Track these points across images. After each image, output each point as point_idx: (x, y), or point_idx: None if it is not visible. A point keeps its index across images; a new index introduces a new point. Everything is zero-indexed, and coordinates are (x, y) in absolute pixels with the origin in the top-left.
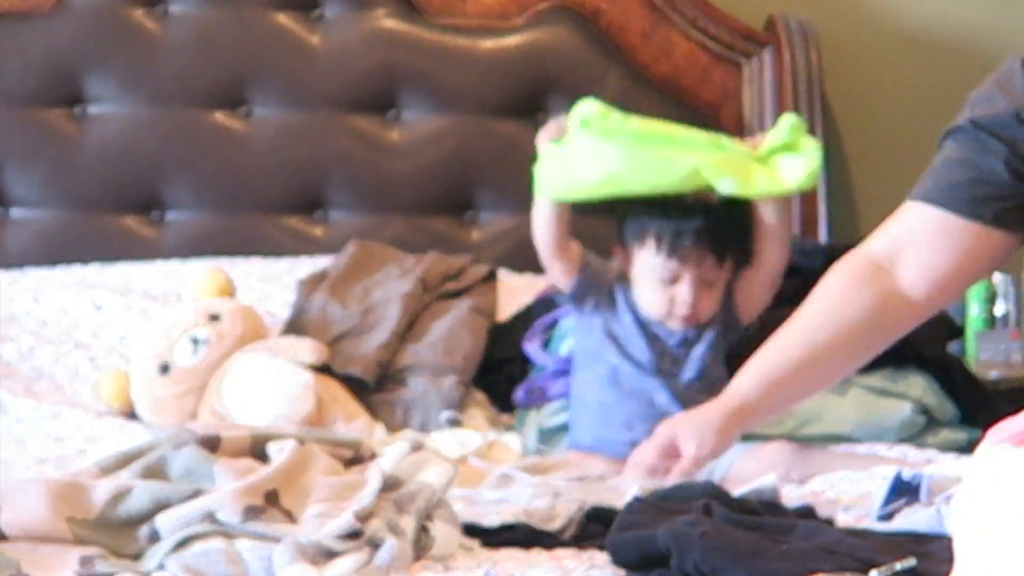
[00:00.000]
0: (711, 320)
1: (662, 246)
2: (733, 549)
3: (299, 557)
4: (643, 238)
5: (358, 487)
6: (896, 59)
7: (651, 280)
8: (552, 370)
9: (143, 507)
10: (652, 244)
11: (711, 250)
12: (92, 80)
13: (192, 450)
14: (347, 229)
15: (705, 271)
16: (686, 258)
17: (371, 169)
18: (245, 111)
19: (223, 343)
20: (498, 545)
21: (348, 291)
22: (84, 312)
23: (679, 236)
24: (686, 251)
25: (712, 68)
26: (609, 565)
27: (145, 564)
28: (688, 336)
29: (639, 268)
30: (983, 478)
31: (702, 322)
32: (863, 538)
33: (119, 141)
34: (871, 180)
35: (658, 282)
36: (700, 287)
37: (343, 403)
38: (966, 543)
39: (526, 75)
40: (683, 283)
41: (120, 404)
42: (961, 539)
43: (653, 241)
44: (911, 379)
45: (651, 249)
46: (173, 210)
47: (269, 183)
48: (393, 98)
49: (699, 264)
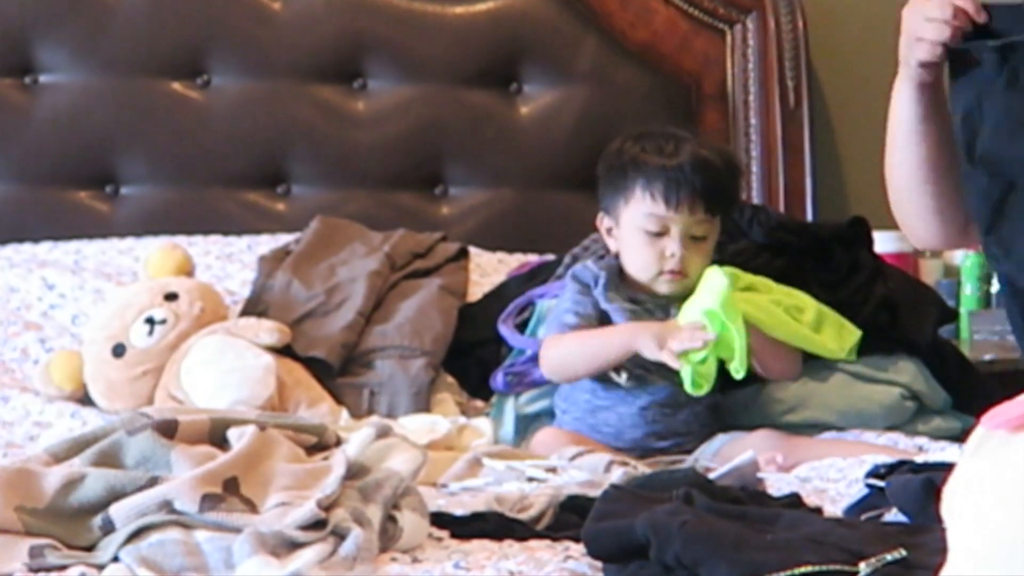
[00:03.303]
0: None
1: (654, 195)
2: (715, 540)
3: (260, 548)
4: (630, 193)
5: (322, 475)
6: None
7: (639, 235)
8: (532, 354)
9: (96, 496)
10: (639, 195)
11: (702, 199)
12: (43, 48)
13: (148, 436)
14: (310, 204)
15: (695, 223)
16: (678, 206)
17: (336, 141)
18: (203, 80)
19: (180, 324)
20: (469, 536)
21: (312, 269)
22: (34, 291)
23: (669, 184)
24: (678, 199)
25: (693, 35)
26: (585, 557)
27: (99, 556)
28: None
29: (626, 227)
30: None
31: (690, 283)
32: (852, 528)
33: (71, 112)
34: (859, 152)
35: (646, 236)
36: (689, 242)
37: (306, 387)
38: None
39: (498, 42)
40: (672, 234)
41: (72, 388)
42: (955, 529)
43: (641, 192)
44: (900, 365)
45: (639, 201)
46: (128, 184)
47: (229, 156)
48: (358, 66)
49: (691, 213)
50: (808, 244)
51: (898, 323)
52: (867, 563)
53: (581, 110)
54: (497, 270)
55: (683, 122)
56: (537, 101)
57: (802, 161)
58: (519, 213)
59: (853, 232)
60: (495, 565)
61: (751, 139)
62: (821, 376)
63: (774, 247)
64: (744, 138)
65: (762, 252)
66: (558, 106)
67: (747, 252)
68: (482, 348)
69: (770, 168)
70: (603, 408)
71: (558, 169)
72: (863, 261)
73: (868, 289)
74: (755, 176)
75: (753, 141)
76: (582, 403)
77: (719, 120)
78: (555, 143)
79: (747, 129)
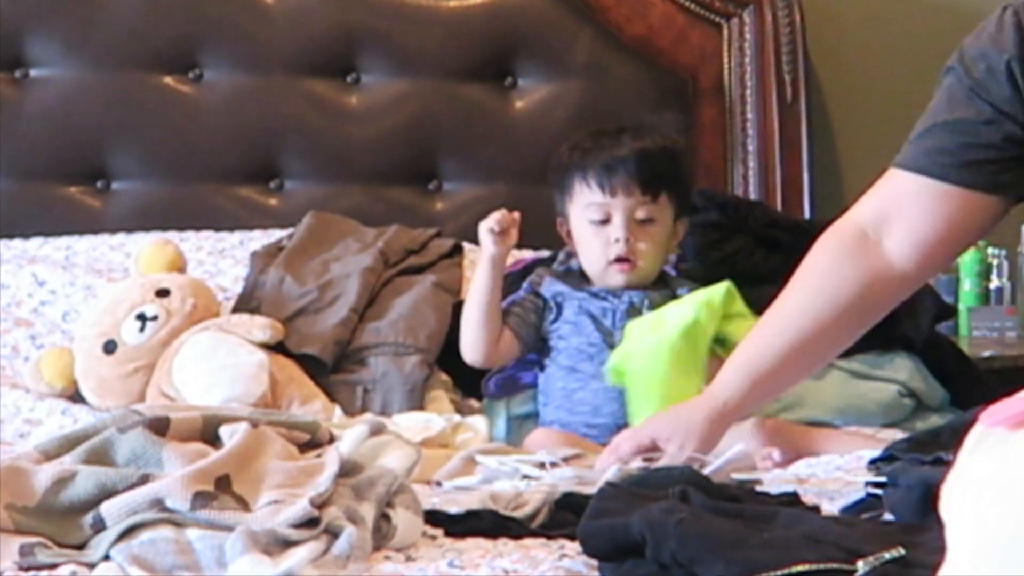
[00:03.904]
0: (656, 286)
1: (590, 184)
2: (712, 538)
3: (252, 546)
4: (571, 188)
5: (315, 472)
6: (884, 19)
7: (586, 228)
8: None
9: (87, 494)
10: (579, 188)
11: (638, 180)
12: (33, 42)
13: (139, 433)
14: (303, 199)
15: (636, 205)
16: (613, 190)
17: (329, 136)
18: (195, 74)
19: (172, 320)
20: (463, 534)
21: (305, 265)
22: (25, 287)
23: (605, 170)
24: (611, 183)
25: (689, 29)
26: (580, 555)
27: (90, 554)
28: (634, 302)
29: (575, 224)
30: (976, 464)
31: (644, 272)
32: (850, 526)
33: (62, 107)
34: (857, 147)
35: (591, 227)
36: (633, 225)
37: (299, 384)
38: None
39: (492, 36)
40: (615, 221)
41: (63, 385)
42: (953, 528)
43: (579, 184)
44: (897, 362)
45: (579, 194)
46: (119, 179)
47: (221, 151)
48: (352, 61)
49: (627, 195)
50: (803, 242)
51: (895, 320)
52: (865, 561)
53: (577, 105)
54: None
55: (679, 116)
56: (532, 95)
57: (799, 156)
58: (514, 208)
59: None
60: (489, 563)
61: (748, 134)
62: (817, 374)
63: (769, 245)
64: (741, 133)
65: (757, 250)
66: (553, 101)
67: (742, 250)
68: None
69: (767, 163)
70: (578, 389)
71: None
72: None
73: None
74: (752, 171)
75: (750, 136)
76: (557, 390)
77: (715, 115)
78: (550, 138)
79: (744, 124)
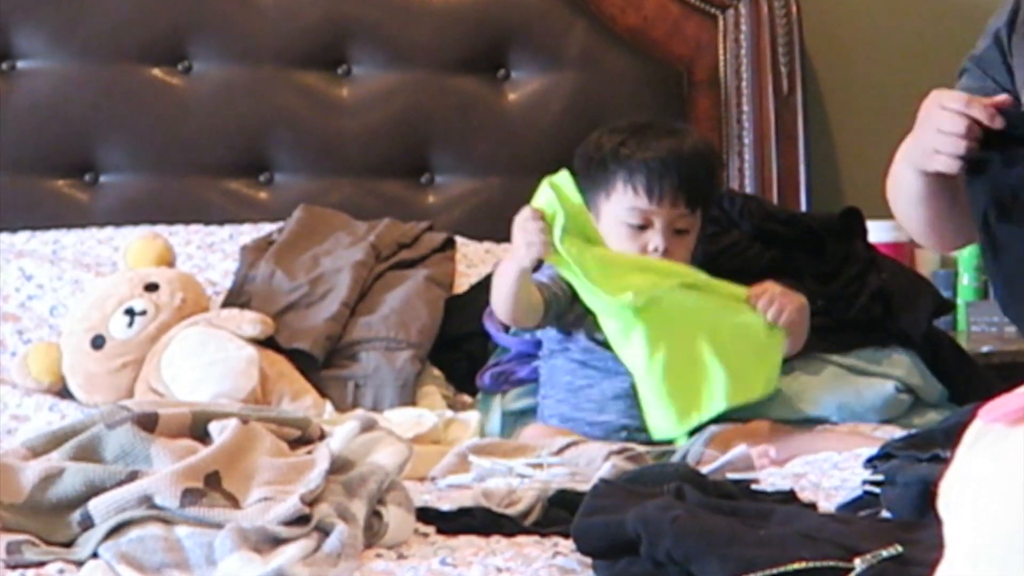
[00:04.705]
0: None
1: (636, 188)
2: (708, 535)
3: (242, 544)
4: (612, 187)
5: (305, 469)
6: (880, 10)
7: (622, 229)
8: (516, 352)
9: (75, 491)
10: (621, 189)
11: (684, 192)
12: (20, 34)
13: (127, 429)
14: (294, 193)
15: (677, 217)
16: (660, 199)
17: (319, 129)
18: (184, 66)
19: (161, 315)
20: (455, 531)
21: (295, 260)
22: (12, 282)
23: (652, 177)
24: (660, 191)
25: (684, 20)
26: (574, 553)
27: (77, 552)
28: None
29: (607, 221)
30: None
31: None
32: (847, 524)
33: (50, 99)
34: (854, 139)
35: (628, 229)
36: (672, 235)
37: (289, 379)
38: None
39: (485, 28)
40: (655, 227)
41: (50, 380)
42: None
43: (623, 186)
44: (894, 357)
45: (621, 195)
46: (107, 173)
47: (210, 144)
48: (343, 53)
49: (673, 206)
50: (800, 235)
51: (892, 315)
52: (862, 559)
53: (570, 97)
54: (484, 260)
55: (674, 109)
56: (525, 88)
57: (796, 149)
58: (507, 202)
59: (845, 223)
60: (482, 561)
61: (744, 126)
62: (813, 370)
63: (765, 238)
64: (737, 125)
65: (753, 244)
66: (546, 93)
67: (739, 244)
68: (469, 341)
69: (763, 156)
70: (586, 386)
71: (546, 157)
72: (856, 252)
73: (861, 280)
74: (748, 164)
75: (746, 128)
76: (563, 384)
77: (711, 107)
78: (543, 130)
79: (739, 116)
